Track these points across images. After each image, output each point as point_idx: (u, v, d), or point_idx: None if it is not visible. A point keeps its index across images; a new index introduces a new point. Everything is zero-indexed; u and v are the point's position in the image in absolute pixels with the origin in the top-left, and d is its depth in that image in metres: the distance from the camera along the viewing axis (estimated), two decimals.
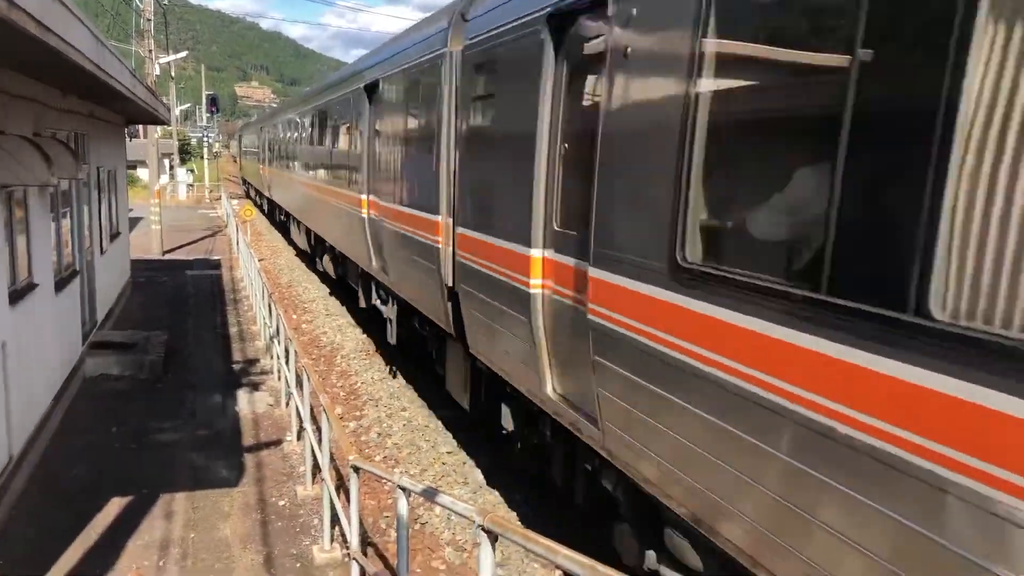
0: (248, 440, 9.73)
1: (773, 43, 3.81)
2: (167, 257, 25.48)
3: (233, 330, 15.49)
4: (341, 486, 7.79)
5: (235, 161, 74.75)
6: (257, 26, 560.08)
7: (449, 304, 8.20)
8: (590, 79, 5.42)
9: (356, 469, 5.65)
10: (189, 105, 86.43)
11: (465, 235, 7.46)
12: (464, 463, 9.19)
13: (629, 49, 4.65)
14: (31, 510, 7.67)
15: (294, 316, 17.45)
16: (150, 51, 25.35)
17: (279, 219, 30.03)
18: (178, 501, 7.95)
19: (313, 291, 19.98)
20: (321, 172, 16.81)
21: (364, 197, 11.96)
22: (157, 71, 26.79)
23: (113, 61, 7.98)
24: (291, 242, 25.06)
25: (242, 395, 11.41)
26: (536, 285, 5.95)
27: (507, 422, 7.53)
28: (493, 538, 3.26)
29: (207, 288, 20.10)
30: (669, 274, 4.18)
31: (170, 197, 50.94)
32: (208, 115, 64.62)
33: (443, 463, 9.16)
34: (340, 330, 15.73)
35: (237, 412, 10.69)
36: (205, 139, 61.04)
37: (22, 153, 7.75)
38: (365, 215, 11.85)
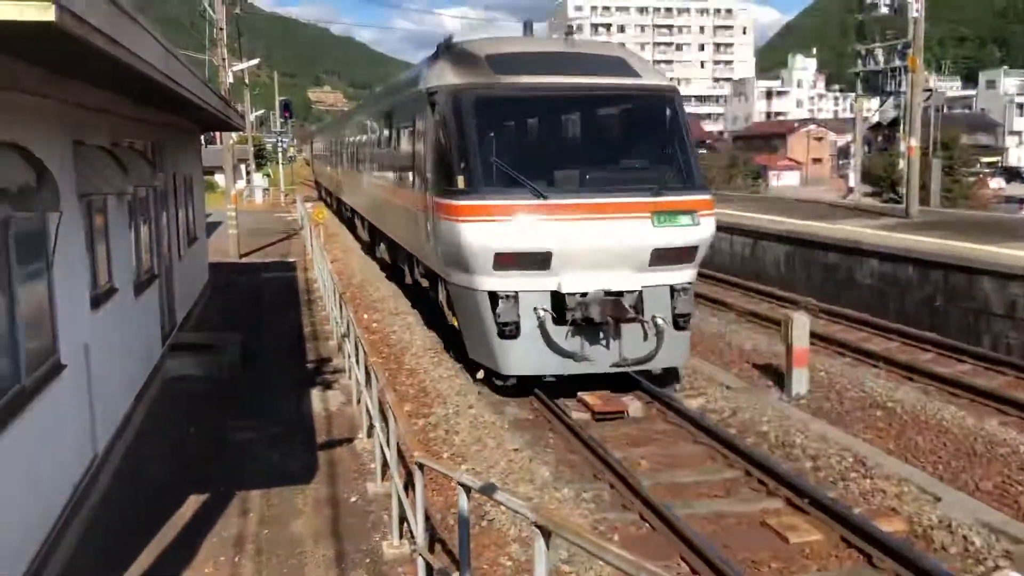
0: (321, 438, 9.93)
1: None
2: (244, 260, 26.12)
3: (307, 330, 15.81)
4: (409, 483, 7.88)
5: (308, 164, 78.24)
6: (328, 31, 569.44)
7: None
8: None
9: (420, 466, 5.73)
10: (263, 111, 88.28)
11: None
12: (531, 460, 9.21)
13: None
14: (114, 506, 7.97)
15: (365, 315, 17.70)
16: (223, 59, 26.02)
17: (324, 194, 44.78)
18: (253, 498, 8.15)
19: (383, 290, 20.26)
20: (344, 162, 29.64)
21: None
22: (231, 79, 27.48)
23: (183, 71, 8.22)
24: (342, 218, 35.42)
25: (315, 394, 11.64)
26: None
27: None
28: (546, 534, 3.29)
29: (282, 289, 20.55)
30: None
31: (247, 201, 52.08)
32: (282, 120, 66.01)
33: (509, 460, 9.19)
34: (409, 328, 15.91)
35: (311, 410, 10.91)
36: (279, 144, 62.36)
37: (100, 163, 8.06)
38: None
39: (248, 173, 57.43)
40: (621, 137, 12.50)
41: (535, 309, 10.31)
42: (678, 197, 10.66)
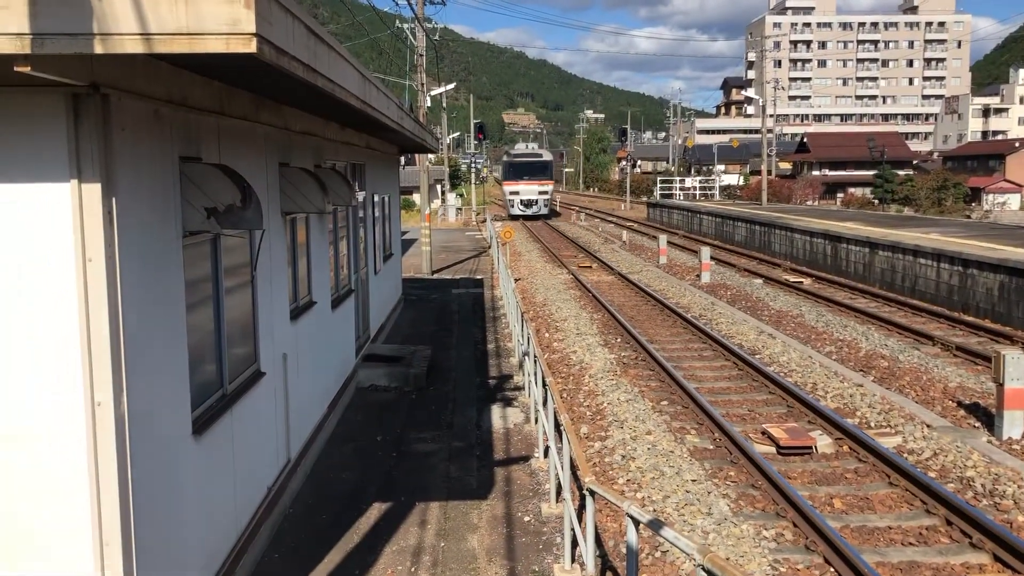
0: (499, 454, 10.06)
1: None
2: (435, 276, 27.05)
3: (491, 346, 16.14)
4: (583, 506, 7.83)
5: (498, 184, 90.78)
6: (524, 55, 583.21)
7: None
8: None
9: (591, 493, 5.65)
10: (459, 133, 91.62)
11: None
12: (709, 493, 8.91)
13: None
14: (304, 510, 8.40)
15: (546, 334, 17.85)
16: (422, 84, 27.13)
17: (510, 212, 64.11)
18: (432, 510, 8.37)
19: (566, 310, 20.35)
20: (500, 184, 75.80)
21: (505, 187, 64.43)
22: (428, 102, 28.61)
23: (379, 96, 8.60)
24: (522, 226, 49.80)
25: (495, 410, 11.83)
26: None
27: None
28: None
29: (469, 306, 21.10)
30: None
31: (440, 220, 54.12)
32: (475, 142, 68.44)
33: (686, 491, 8.94)
34: (589, 349, 15.88)
35: (490, 426, 11.09)
36: (473, 165, 64.89)
37: (303, 184, 8.56)
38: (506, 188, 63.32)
39: (443, 193, 59.79)
40: (536, 170, 59.52)
41: (517, 202, 59.16)
42: (543, 180, 59.66)
